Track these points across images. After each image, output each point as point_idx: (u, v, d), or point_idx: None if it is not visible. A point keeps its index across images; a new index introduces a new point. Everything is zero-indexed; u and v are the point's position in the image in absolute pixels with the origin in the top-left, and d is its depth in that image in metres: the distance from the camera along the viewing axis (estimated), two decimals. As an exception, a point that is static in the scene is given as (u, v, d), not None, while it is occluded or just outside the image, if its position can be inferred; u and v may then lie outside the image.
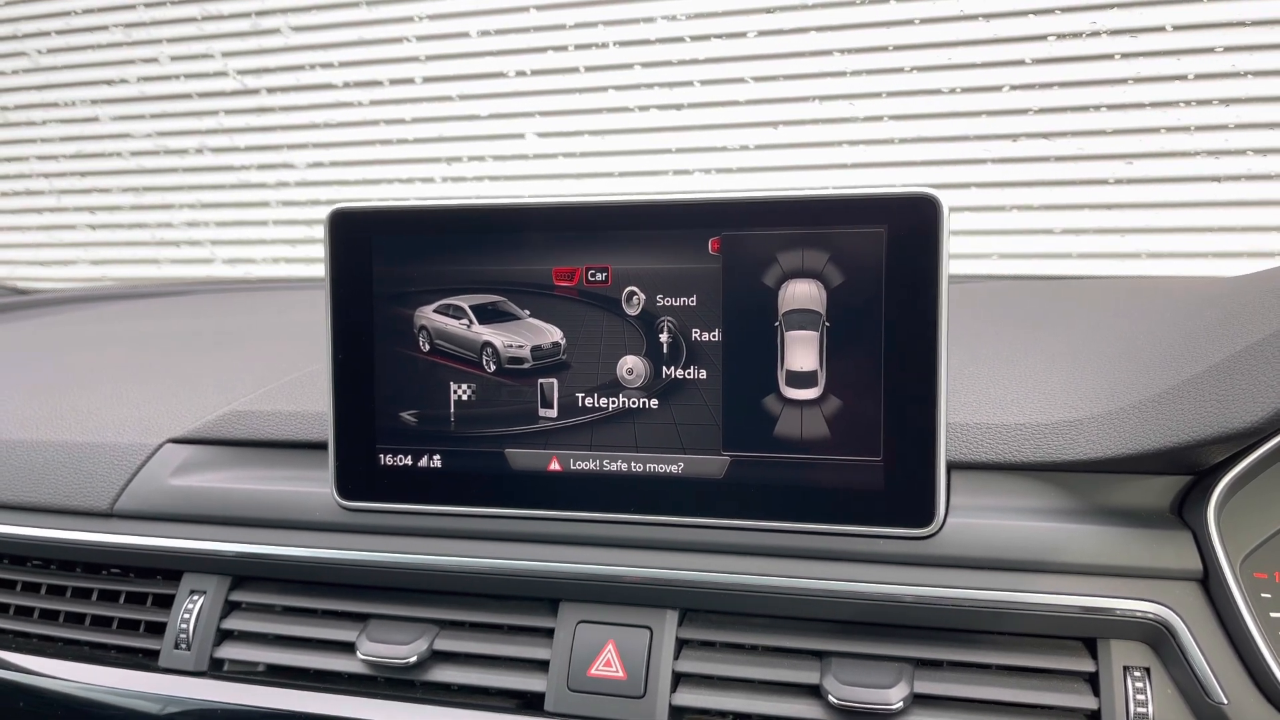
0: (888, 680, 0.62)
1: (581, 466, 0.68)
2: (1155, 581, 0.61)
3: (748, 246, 0.64)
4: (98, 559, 0.82)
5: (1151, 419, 0.62)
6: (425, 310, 0.70)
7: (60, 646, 0.82)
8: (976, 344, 0.82)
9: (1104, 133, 2.00)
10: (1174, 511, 0.63)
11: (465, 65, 2.44)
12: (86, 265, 2.91)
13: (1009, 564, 0.62)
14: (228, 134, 2.69)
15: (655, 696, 0.66)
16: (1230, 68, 1.91)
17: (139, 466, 0.82)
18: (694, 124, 2.27)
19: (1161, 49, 1.95)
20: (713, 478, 0.66)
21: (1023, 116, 2.05)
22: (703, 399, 0.65)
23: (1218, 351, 0.63)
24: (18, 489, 0.84)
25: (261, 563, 0.76)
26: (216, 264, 2.75)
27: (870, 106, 2.14)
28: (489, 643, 0.71)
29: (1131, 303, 0.91)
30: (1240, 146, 1.94)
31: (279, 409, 0.81)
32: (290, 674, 0.75)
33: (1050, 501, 0.64)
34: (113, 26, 2.76)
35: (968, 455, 0.66)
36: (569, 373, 0.68)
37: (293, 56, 2.59)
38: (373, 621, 0.73)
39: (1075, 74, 2.01)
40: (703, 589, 0.67)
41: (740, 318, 0.64)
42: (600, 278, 0.67)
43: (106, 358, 1.09)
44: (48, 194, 2.93)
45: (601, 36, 2.31)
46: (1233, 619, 0.58)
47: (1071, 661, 0.62)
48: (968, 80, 2.07)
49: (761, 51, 2.20)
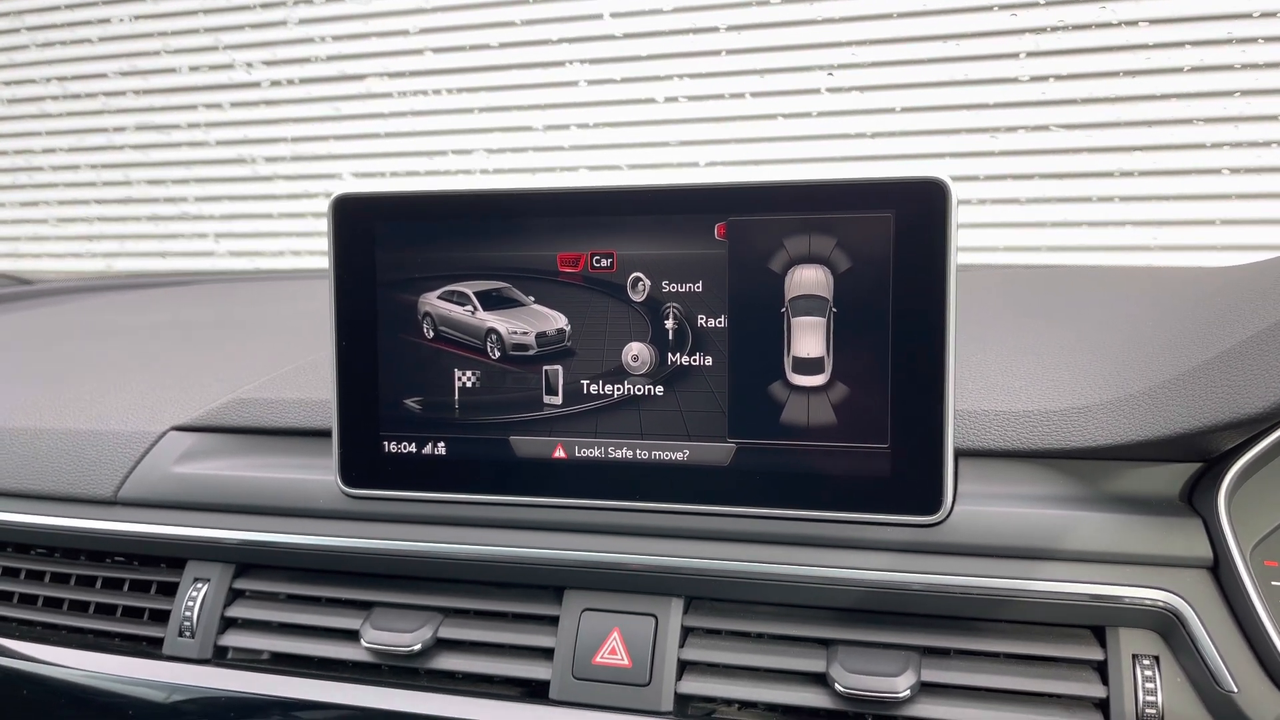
0: (895, 668, 0.62)
1: (586, 454, 0.67)
2: (1165, 569, 0.60)
3: (754, 232, 0.63)
4: (102, 547, 0.82)
5: (1161, 405, 0.61)
6: (429, 297, 0.70)
7: (64, 634, 0.82)
8: (985, 331, 0.81)
9: (1113, 124, 1.99)
10: (1184, 499, 0.63)
11: (472, 55, 2.44)
12: (91, 256, 2.91)
13: (1017, 551, 0.62)
14: (233, 125, 2.70)
15: (661, 684, 0.66)
16: (1240, 59, 1.91)
17: (143, 454, 0.82)
18: (701, 115, 2.27)
19: (1171, 40, 1.94)
20: (718, 465, 0.65)
21: (1032, 108, 2.05)
22: (708, 386, 0.65)
23: (1228, 338, 0.62)
24: (22, 476, 0.84)
25: (266, 550, 0.76)
26: (221, 255, 2.76)
27: (878, 98, 2.14)
28: (494, 630, 0.71)
29: (1140, 291, 0.90)
30: (1250, 139, 1.93)
31: (283, 396, 0.81)
32: (294, 662, 0.75)
33: (1059, 489, 0.64)
34: (118, 18, 2.76)
35: (976, 442, 0.66)
36: (574, 359, 0.67)
37: (298, 48, 2.59)
38: (377, 609, 0.73)
39: (1084, 65, 2.00)
40: (708, 576, 0.66)
41: (746, 304, 0.64)
42: (605, 264, 0.66)
43: (110, 346, 1.09)
44: (53, 185, 2.93)
45: (609, 28, 2.30)
46: (1243, 607, 0.58)
47: (1080, 650, 0.62)
48: (976, 72, 2.06)
49: (770, 44, 2.19)
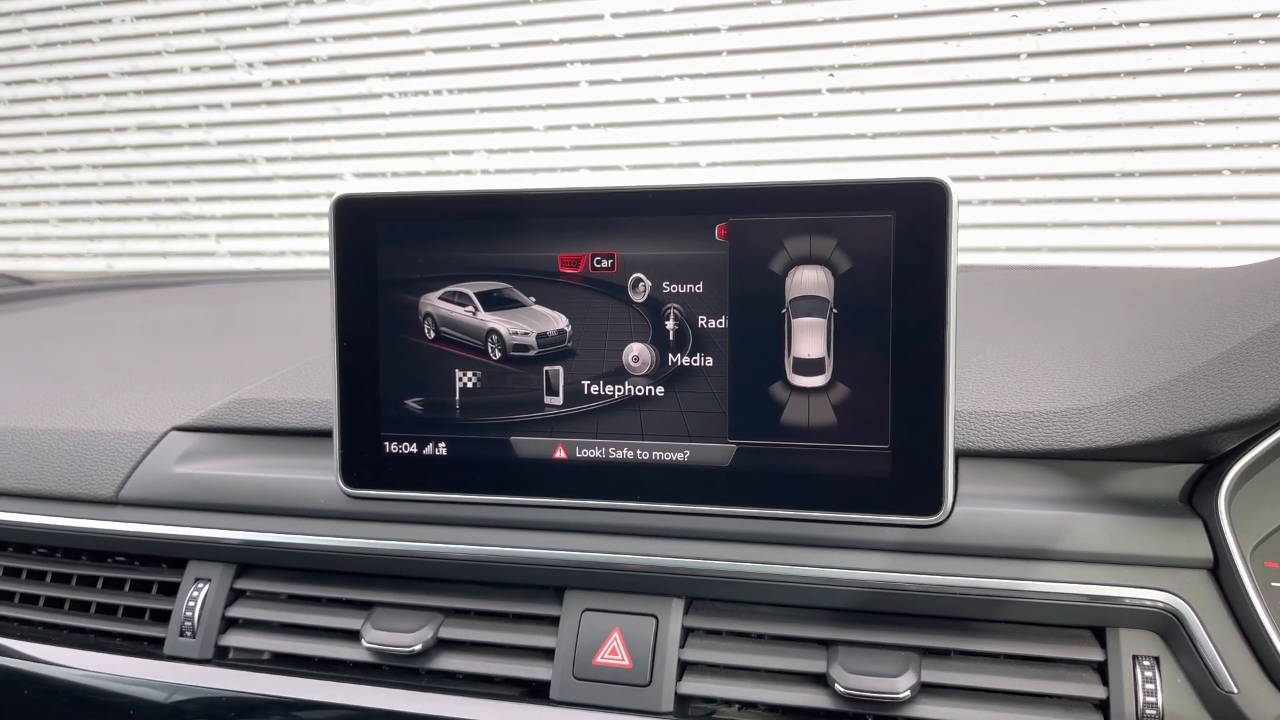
0: (895, 669, 0.62)
1: (587, 454, 0.67)
2: (1165, 570, 0.60)
3: (754, 233, 0.63)
4: (103, 547, 0.82)
5: (1161, 406, 0.61)
6: (430, 297, 0.70)
7: (65, 634, 0.82)
8: (985, 332, 0.81)
9: (1114, 125, 1.99)
10: (1184, 500, 0.63)
11: (473, 56, 2.44)
12: (92, 257, 2.92)
13: (1017, 552, 0.62)
14: (234, 126, 2.70)
15: (661, 685, 0.66)
16: (1241, 60, 1.90)
17: (144, 454, 0.82)
18: (702, 116, 2.27)
19: (1172, 41, 1.94)
20: (719, 465, 0.65)
21: (1032, 109, 2.05)
22: (709, 386, 0.65)
23: (1228, 339, 0.62)
24: (23, 476, 0.84)
25: (267, 550, 0.76)
26: (222, 255, 2.76)
27: (879, 99, 2.14)
28: (494, 631, 0.71)
29: (1140, 292, 0.91)
30: (1251, 139, 1.93)
31: (284, 397, 0.81)
32: (295, 662, 0.75)
33: (1059, 489, 0.64)
34: (119, 19, 2.76)
35: (976, 443, 0.66)
36: (574, 360, 0.67)
37: (299, 48, 2.60)
38: (378, 609, 0.73)
39: (1085, 66, 2.00)
40: (709, 577, 0.66)
41: (747, 305, 0.64)
42: (606, 264, 0.66)
43: (112, 346, 1.09)
44: (55, 185, 2.93)
45: (610, 28, 2.31)
46: (1243, 608, 0.58)
47: (1080, 651, 0.62)
48: (977, 73, 2.06)
49: (771, 44, 2.19)
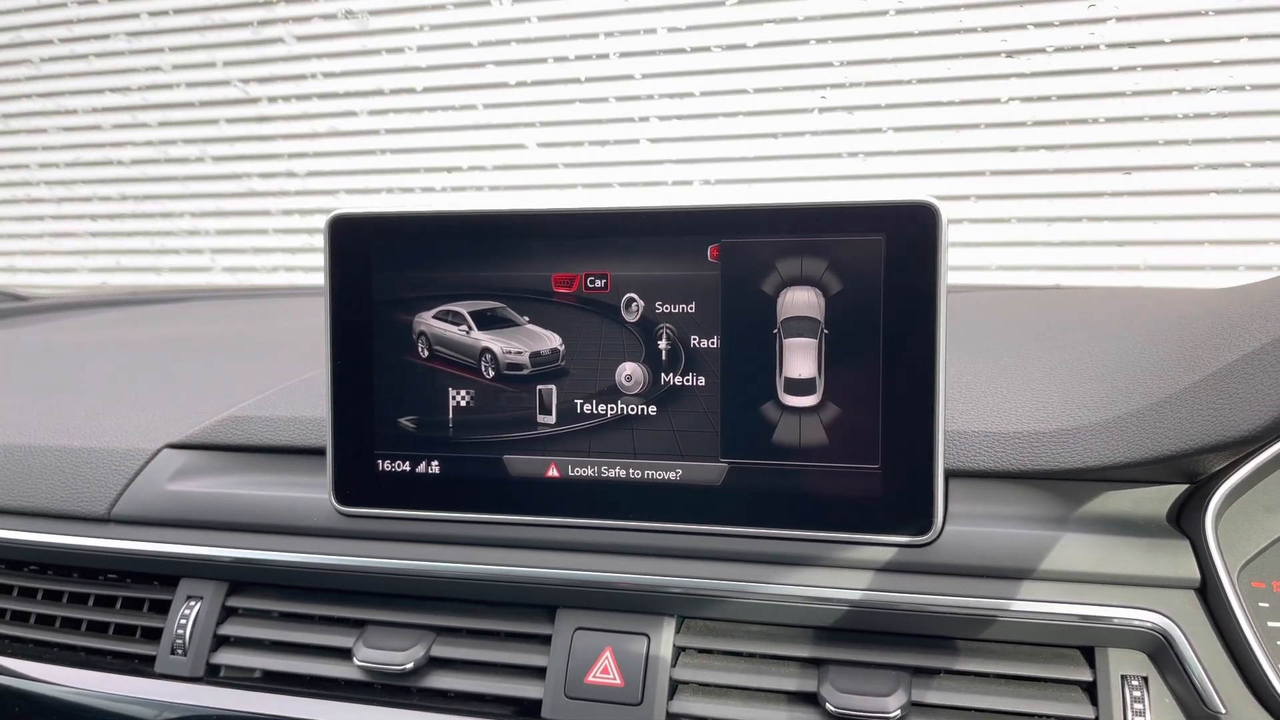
0: (885, 688, 0.62)
1: (580, 473, 0.68)
2: (1153, 590, 0.61)
3: (746, 254, 0.64)
4: (95, 564, 0.82)
5: (1149, 427, 0.62)
6: (424, 316, 0.70)
7: (56, 652, 0.82)
8: (975, 352, 0.82)
9: (1103, 145, 2.01)
10: (1171, 520, 0.63)
11: (466, 75, 2.45)
12: (87, 272, 2.91)
13: (1007, 572, 0.62)
14: (229, 142, 2.70)
15: (652, 704, 0.66)
16: (1228, 81, 1.92)
17: (137, 471, 0.82)
18: (694, 135, 2.28)
19: (1160, 62, 1.96)
20: (711, 485, 0.66)
21: (1022, 129, 2.06)
22: (701, 406, 0.65)
23: (1215, 360, 0.63)
24: (15, 493, 0.84)
25: (259, 568, 0.76)
26: (217, 272, 2.76)
27: (870, 118, 2.15)
28: (486, 649, 0.71)
29: (1129, 312, 0.91)
30: (1238, 160, 1.95)
31: (277, 414, 0.81)
32: (287, 680, 0.75)
33: (1048, 510, 0.64)
34: (115, 35, 2.77)
35: (966, 463, 0.66)
36: (568, 379, 0.68)
37: (295, 65, 2.60)
38: (370, 628, 0.73)
39: (1074, 87, 2.02)
40: (700, 596, 0.67)
41: (739, 325, 0.64)
42: (599, 284, 0.67)
43: (105, 363, 1.09)
44: (49, 201, 2.93)
45: (603, 47, 2.32)
46: (1230, 628, 0.58)
47: (1069, 670, 0.62)
48: (967, 93, 2.08)
49: (761, 63, 2.21)
